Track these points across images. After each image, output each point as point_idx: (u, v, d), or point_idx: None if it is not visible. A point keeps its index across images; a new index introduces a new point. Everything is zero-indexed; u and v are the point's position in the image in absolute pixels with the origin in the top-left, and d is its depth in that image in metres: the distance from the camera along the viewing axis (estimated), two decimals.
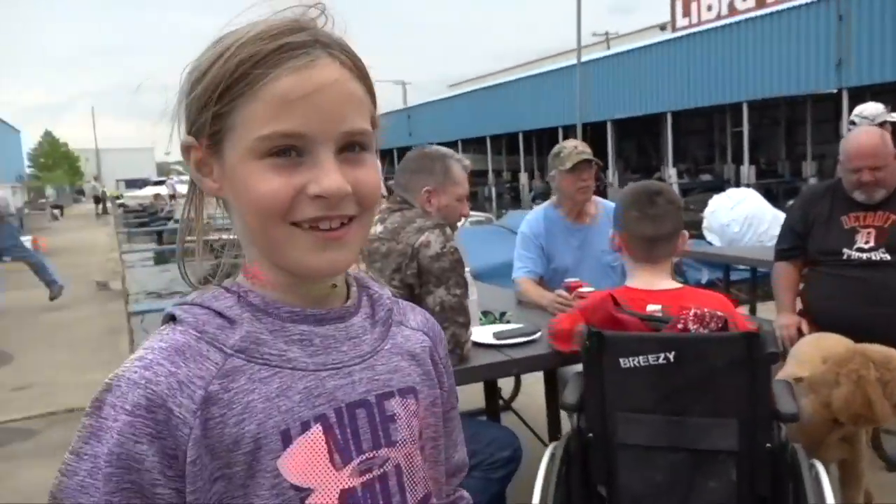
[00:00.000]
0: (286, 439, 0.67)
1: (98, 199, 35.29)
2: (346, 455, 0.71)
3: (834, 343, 2.36)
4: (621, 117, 29.38)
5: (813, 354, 2.28)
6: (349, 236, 0.70)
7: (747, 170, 24.47)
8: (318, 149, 0.67)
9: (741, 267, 5.34)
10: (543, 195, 29.46)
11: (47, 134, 76.64)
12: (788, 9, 22.01)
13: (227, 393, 0.66)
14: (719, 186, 22.12)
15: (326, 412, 0.70)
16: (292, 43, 0.66)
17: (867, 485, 2.33)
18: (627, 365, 1.74)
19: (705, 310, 1.73)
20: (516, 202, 33.32)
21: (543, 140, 38.68)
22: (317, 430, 0.69)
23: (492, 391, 2.62)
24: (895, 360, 1.97)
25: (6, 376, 5.47)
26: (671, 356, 1.71)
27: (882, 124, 3.62)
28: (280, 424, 0.67)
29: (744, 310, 4.42)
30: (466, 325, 2.11)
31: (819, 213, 2.83)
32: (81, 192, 54.35)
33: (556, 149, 3.12)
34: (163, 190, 33.50)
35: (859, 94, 18.54)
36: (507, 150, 41.06)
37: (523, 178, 37.37)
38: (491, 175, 39.45)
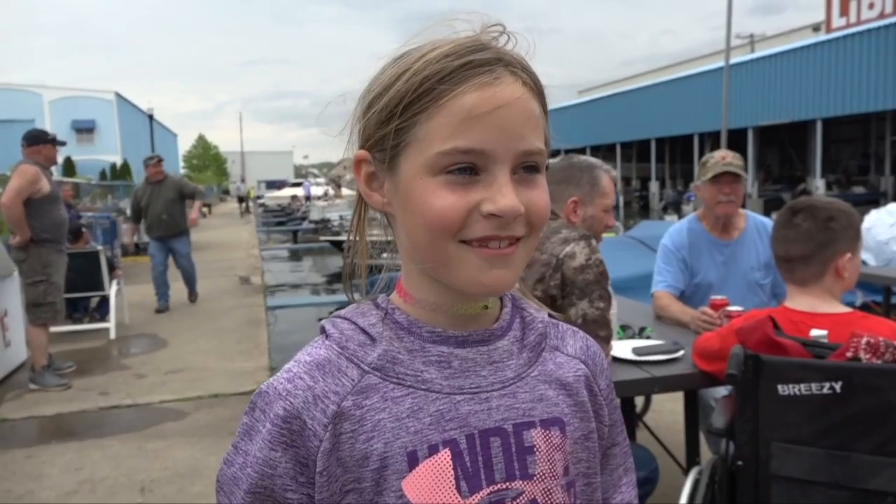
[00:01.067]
0: (412, 461, 0.67)
1: (241, 199, 37.82)
2: (475, 483, 0.68)
3: None
4: (765, 124, 27.71)
5: None
6: (516, 255, 0.68)
7: None
8: (495, 167, 0.66)
9: None
10: (675, 205, 28.43)
11: (200, 138, 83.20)
12: None
13: (360, 409, 0.68)
14: (874, 200, 20.32)
15: (457, 437, 0.68)
16: (477, 60, 0.66)
17: None
18: (786, 392, 1.62)
19: (880, 339, 1.58)
20: (645, 211, 32.29)
21: (677, 147, 37.28)
22: (444, 454, 0.68)
23: (628, 408, 2.53)
24: None
25: (162, 360, 5.95)
26: (837, 386, 1.57)
27: None
28: (407, 445, 0.67)
29: None
30: (608, 340, 2.05)
31: None
32: (227, 192, 58.36)
33: (705, 157, 2.98)
34: (299, 191, 35.41)
35: None
36: (638, 158, 39.90)
37: (654, 186, 36.15)
38: (619, 183, 38.41)
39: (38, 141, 5.14)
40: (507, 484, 0.69)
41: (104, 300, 7.22)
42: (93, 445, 4.08)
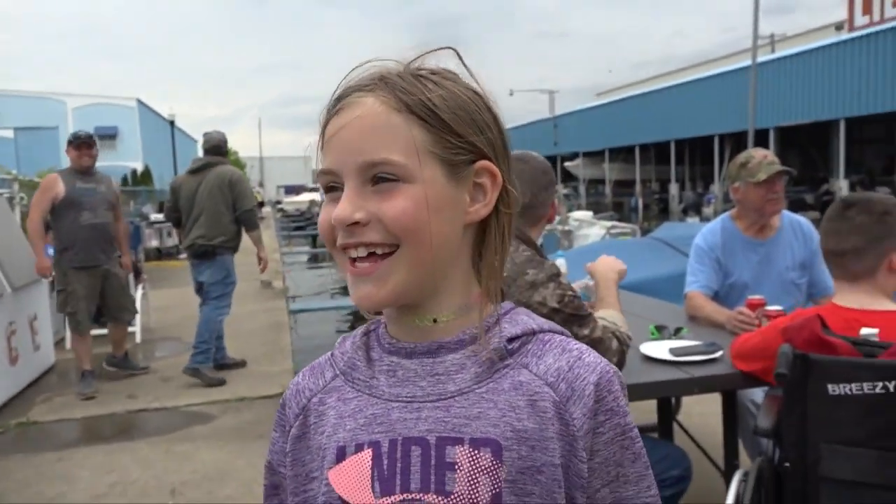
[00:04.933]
0: (340, 455, 0.73)
1: (261, 204, 38.13)
2: (388, 487, 0.70)
3: None
4: (787, 124, 27.44)
5: None
6: (380, 270, 0.71)
7: None
8: (345, 182, 0.71)
9: None
10: (695, 206, 28.17)
11: None
12: None
13: (322, 406, 0.78)
14: None
15: (381, 440, 0.72)
16: (352, 87, 0.73)
17: None
18: (836, 392, 1.58)
19: None
20: (664, 214, 32.05)
21: (696, 149, 37.01)
22: (366, 454, 0.72)
23: (665, 408, 2.49)
24: None
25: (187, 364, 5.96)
26: (891, 386, 1.53)
27: None
28: (340, 440, 0.74)
29: None
30: (624, 340, 1.93)
31: None
32: None
33: (741, 158, 2.88)
34: (318, 196, 35.62)
35: None
36: (656, 160, 39.66)
37: (673, 188, 35.90)
38: (638, 185, 38.22)
39: (67, 145, 5.21)
40: (421, 495, 0.69)
41: None
42: (122, 448, 4.10)
